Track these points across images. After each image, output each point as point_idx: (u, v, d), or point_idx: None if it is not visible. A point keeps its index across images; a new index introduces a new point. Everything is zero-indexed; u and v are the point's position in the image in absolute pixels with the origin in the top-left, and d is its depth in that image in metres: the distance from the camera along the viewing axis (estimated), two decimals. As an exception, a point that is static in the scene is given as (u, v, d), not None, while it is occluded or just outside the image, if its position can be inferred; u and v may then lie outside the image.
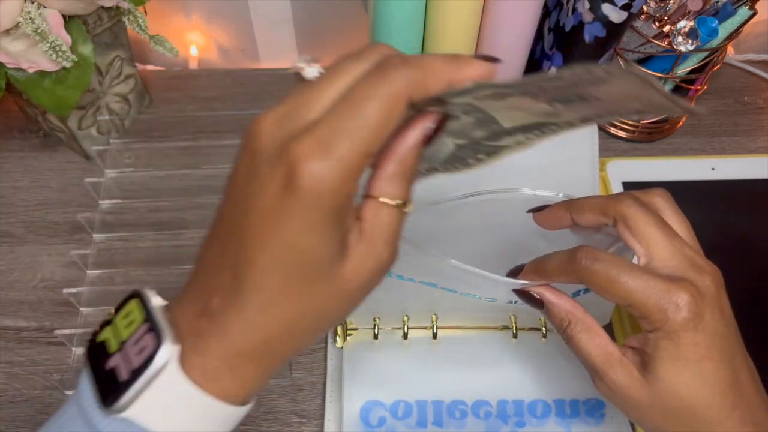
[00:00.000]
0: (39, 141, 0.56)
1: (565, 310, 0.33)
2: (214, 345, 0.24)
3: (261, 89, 0.60)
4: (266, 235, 0.23)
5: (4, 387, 0.44)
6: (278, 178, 0.22)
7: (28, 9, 0.41)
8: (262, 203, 0.23)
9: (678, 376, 0.30)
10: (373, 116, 0.22)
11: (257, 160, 0.23)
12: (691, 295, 0.29)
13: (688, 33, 0.47)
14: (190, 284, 0.26)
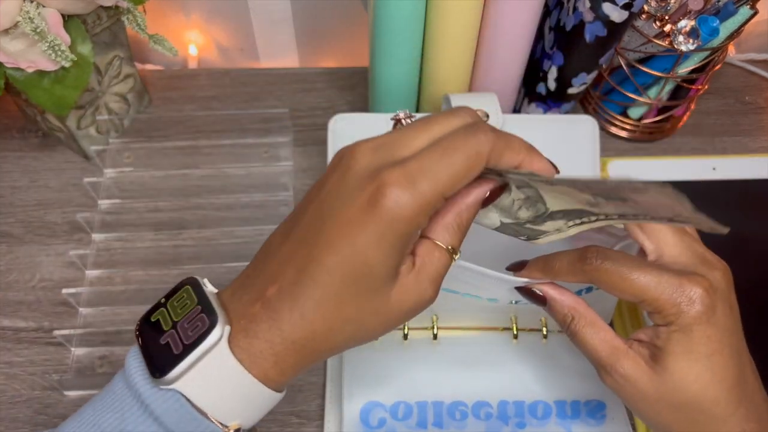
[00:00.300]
0: (38, 141, 0.56)
1: (568, 306, 0.33)
2: (264, 330, 0.27)
3: (260, 89, 0.60)
4: (339, 241, 0.26)
5: (3, 387, 0.43)
6: (365, 196, 0.26)
7: (27, 8, 0.41)
8: (344, 213, 0.26)
9: (689, 369, 0.30)
10: (457, 165, 0.26)
11: (349, 177, 0.27)
12: (704, 288, 0.30)
13: (689, 32, 0.47)
14: (245, 274, 0.29)
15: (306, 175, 0.55)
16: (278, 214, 0.51)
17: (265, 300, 0.27)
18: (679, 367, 0.30)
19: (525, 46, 0.47)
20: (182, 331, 0.27)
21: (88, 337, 0.45)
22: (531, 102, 0.53)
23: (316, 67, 0.62)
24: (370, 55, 0.49)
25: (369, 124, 0.46)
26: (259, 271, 0.28)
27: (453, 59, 0.47)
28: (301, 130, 0.57)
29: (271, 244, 0.29)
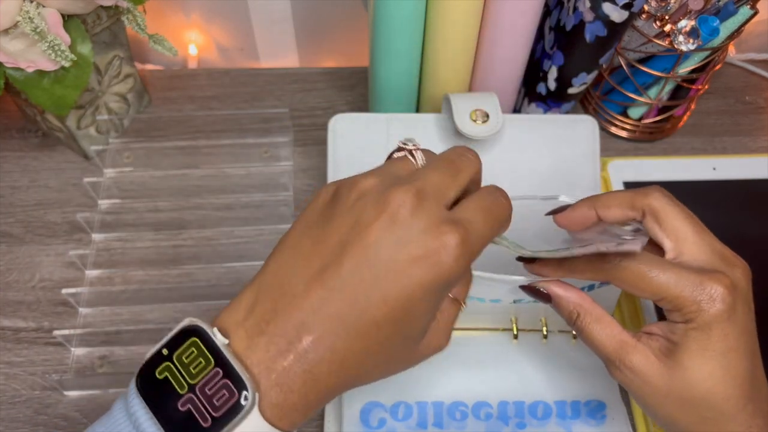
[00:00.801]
0: (38, 141, 0.56)
1: (574, 302, 0.33)
2: (300, 384, 0.25)
3: (260, 89, 0.60)
4: (395, 295, 0.25)
5: (3, 387, 0.43)
6: (426, 252, 0.25)
7: (27, 8, 0.40)
8: (402, 268, 0.25)
9: (704, 366, 0.30)
10: (496, 230, 0.29)
11: (401, 229, 0.25)
12: (725, 286, 0.30)
13: (689, 32, 0.47)
14: (260, 316, 0.26)
15: (306, 175, 0.55)
16: (278, 214, 0.51)
17: (299, 352, 0.25)
18: (694, 364, 0.30)
19: (525, 46, 0.47)
20: (205, 398, 0.25)
21: (88, 337, 0.45)
22: (531, 102, 0.53)
23: (316, 67, 0.62)
24: (370, 55, 0.49)
25: (369, 124, 0.46)
26: (282, 317, 0.25)
27: (453, 59, 0.47)
28: (301, 130, 0.57)
29: (293, 279, 0.26)
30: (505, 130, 0.46)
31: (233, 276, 0.48)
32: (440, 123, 0.46)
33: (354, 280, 0.25)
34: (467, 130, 0.43)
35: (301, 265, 0.26)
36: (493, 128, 0.43)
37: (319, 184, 0.54)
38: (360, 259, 0.25)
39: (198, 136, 0.56)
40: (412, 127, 0.46)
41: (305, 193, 0.53)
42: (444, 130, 0.46)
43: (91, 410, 0.43)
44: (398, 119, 0.46)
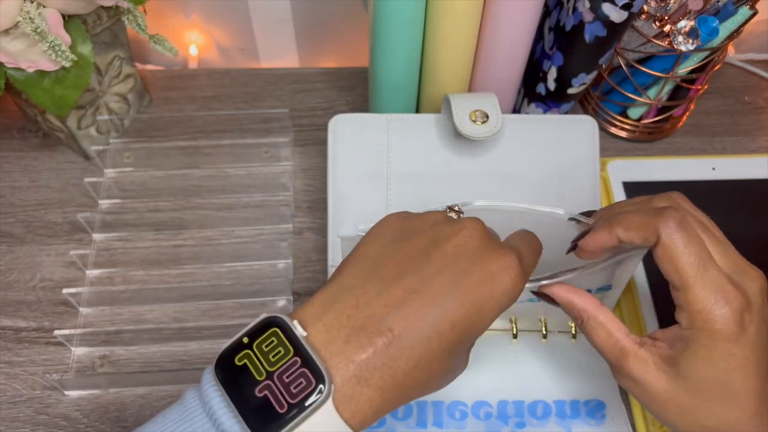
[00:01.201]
0: (38, 141, 0.56)
1: (579, 308, 0.34)
2: (377, 378, 0.26)
3: (261, 89, 0.60)
4: (472, 300, 0.27)
5: (3, 387, 0.44)
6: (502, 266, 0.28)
7: (28, 8, 0.41)
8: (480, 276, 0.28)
9: (704, 379, 0.30)
10: (537, 260, 0.32)
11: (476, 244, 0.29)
12: (741, 306, 0.29)
13: (688, 32, 0.47)
14: (340, 310, 0.27)
15: (306, 175, 0.55)
16: (278, 214, 0.51)
17: (378, 347, 0.26)
18: (695, 375, 0.30)
19: (525, 46, 0.47)
20: (282, 385, 0.25)
21: (89, 336, 0.45)
22: (531, 102, 0.53)
23: (316, 68, 0.63)
24: (370, 56, 0.49)
25: (369, 125, 0.46)
26: (365, 312, 0.27)
27: (453, 59, 0.47)
28: (301, 130, 0.57)
29: (374, 285, 0.28)
30: (505, 131, 0.46)
31: (234, 276, 0.48)
32: (440, 123, 0.46)
33: (434, 285, 0.27)
34: (467, 131, 0.43)
35: (383, 271, 0.28)
36: (493, 128, 0.44)
37: (319, 184, 0.54)
38: (440, 267, 0.28)
39: (198, 136, 0.56)
40: (412, 127, 0.46)
41: (305, 193, 0.54)
42: (444, 130, 0.46)
43: (91, 410, 0.43)
44: (398, 119, 0.46)
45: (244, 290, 0.47)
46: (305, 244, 0.51)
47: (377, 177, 0.46)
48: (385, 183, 0.46)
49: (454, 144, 0.46)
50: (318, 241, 0.51)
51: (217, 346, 0.45)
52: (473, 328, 0.28)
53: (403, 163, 0.46)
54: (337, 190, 0.46)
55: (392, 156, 0.46)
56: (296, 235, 0.51)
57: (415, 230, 0.30)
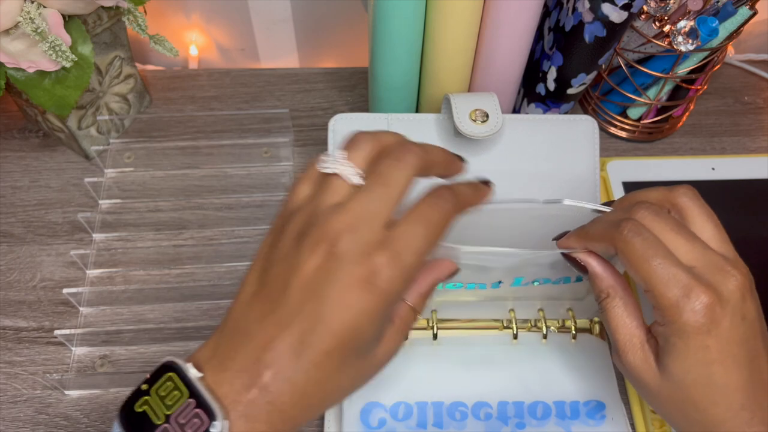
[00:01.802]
0: (39, 141, 0.56)
1: (608, 284, 0.34)
2: (264, 414, 0.27)
3: (261, 89, 0.60)
4: (339, 323, 0.27)
5: (3, 387, 0.44)
6: (360, 279, 0.27)
7: (28, 9, 0.41)
8: (341, 296, 0.27)
9: (685, 373, 0.30)
10: (433, 235, 0.29)
11: (335, 262, 0.27)
12: (709, 298, 0.29)
13: (688, 33, 0.47)
14: (224, 354, 0.28)
15: (306, 175, 0.55)
16: (278, 214, 0.51)
17: (262, 386, 0.27)
18: (676, 369, 0.31)
19: (524, 46, 0.48)
20: (179, 427, 0.26)
21: (89, 336, 0.45)
22: (530, 102, 0.53)
23: (316, 68, 0.63)
24: (369, 56, 0.49)
25: (369, 124, 0.46)
26: (242, 354, 0.27)
27: (453, 60, 0.47)
28: (301, 130, 0.57)
29: (248, 320, 0.28)
30: (505, 131, 0.46)
31: (234, 276, 0.48)
32: (440, 123, 0.46)
33: (300, 317, 0.27)
34: (467, 130, 0.43)
35: (254, 307, 0.28)
36: (493, 128, 0.44)
37: (320, 184, 0.54)
38: (302, 297, 0.27)
39: (198, 136, 0.56)
40: (412, 127, 0.46)
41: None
42: (444, 130, 0.46)
43: (91, 410, 0.43)
44: (398, 119, 0.46)
45: (244, 290, 0.47)
46: (305, 244, 0.51)
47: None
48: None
49: (454, 144, 0.46)
50: (318, 241, 0.51)
51: (218, 346, 0.45)
52: (353, 347, 0.28)
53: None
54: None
55: (392, 156, 0.46)
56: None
57: (278, 254, 0.29)
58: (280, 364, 0.27)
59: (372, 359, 0.30)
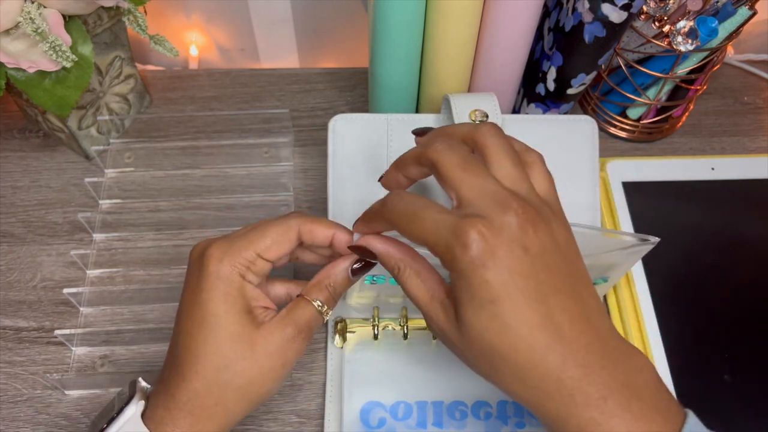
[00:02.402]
0: (39, 141, 0.56)
1: (396, 257, 0.32)
2: (162, 399, 0.32)
3: (261, 89, 0.61)
4: (186, 305, 0.33)
5: (4, 387, 0.44)
6: (196, 266, 0.33)
7: (28, 9, 0.41)
8: (188, 283, 0.34)
9: (476, 318, 0.28)
10: (268, 235, 0.34)
11: (189, 261, 0.35)
12: (478, 232, 0.27)
13: (687, 33, 0.47)
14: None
15: (306, 175, 0.55)
16: (278, 215, 0.51)
17: (163, 379, 0.34)
18: (469, 317, 0.28)
19: (524, 46, 0.48)
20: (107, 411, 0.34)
21: (89, 336, 0.45)
22: (530, 102, 0.53)
23: (316, 68, 0.63)
24: (370, 56, 0.49)
25: (369, 125, 0.46)
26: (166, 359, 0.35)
27: (453, 60, 0.47)
28: (301, 130, 0.58)
29: None
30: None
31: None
32: (440, 123, 0.47)
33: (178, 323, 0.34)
34: (467, 131, 0.43)
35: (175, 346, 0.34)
36: (493, 128, 0.44)
37: (320, 184, 0.54)
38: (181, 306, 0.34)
39: (199, 136, 0.56)
40: (411, 127, 0.46)
41: (305, 193, 0.54)
42: (444, 130, 0.46)
43: (91, 409, 0.43)
44: (398, 120, 0.46)
45: (244, 290, 0.47)
46: (305, 244, 0.51)
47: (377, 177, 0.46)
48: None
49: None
50: (318, 241, 0.51)
51: (218, 345, 0.45)
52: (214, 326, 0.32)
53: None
54: (337, 190, 0.46)
55: (392, 156, 0.46)
56: None
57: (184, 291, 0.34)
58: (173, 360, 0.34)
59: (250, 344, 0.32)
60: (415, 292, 0.32)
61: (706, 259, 0.48)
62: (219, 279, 0.32)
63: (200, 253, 0.34)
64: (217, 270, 0.33)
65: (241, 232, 0.35)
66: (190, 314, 0.33)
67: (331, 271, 0.35)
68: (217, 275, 0.33)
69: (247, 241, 0.33)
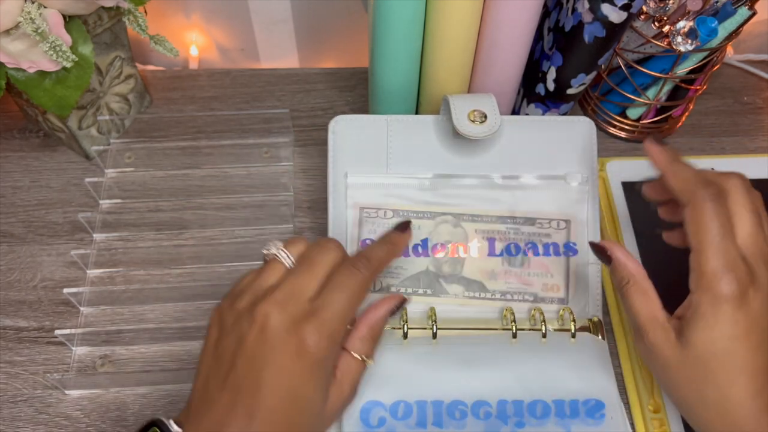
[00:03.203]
0: (39, 141, 0.56)
1: (629, 270, 0.36)
2: None
3: (261, 89, 0.61)
4: (279, 388, 0.32)
5: (4, 387, 0.44)
6: (292, 347, 0.32)
7: (29, 9, 0.41)
8: (278, 364, 0.32)
9: (711, 344, 0.32)
10: (353, 300, 0.34)
11: (270, 334, 0.32)
12: (748, 279, 0.32)
13: (687, 33, 0.47)
14: (197, 413, 0.32)
15: (306, 175, 0.55)
16: (279, 214, 0.51)
17: None
18: (699, 341, 0.32)
19: (524, 47, 0.48)
20: None
21: (90, 336, 0.45)
22: (530, 103, 0.54)
23: (316, 68, 0.63)
24: (369, 56, 0.49)
25: (369, 126, 0.46)
26: (208, 417, 0.32)
27: (452, 60, 0.47)
28: (301, 130, 0.58)
29: (209, 388, 0.33)
30: (503, 132, 0.47)
31: (234, 276, 0.48)
32: (439, 124, 0.47)
33: (246, 383, 0.32)
34: (465, 130, 0.43)
35: (213, 376, 0.33)
36: (491, 128, 0.44)
37: (320, 184, 0.54)
38: (247, 367, 0.32)
39: (199, 136, 0.56)
40: (411, 128, 0.47)
41: (306, 193, 0.54)
42: (443, 131, 0.46)
43: (92, 409, 0.43)
44: (398, 120, 0.47)
45: (244, 290, 0.47)
46: (305, 244, 0.51)
47: (377, 175, 0.46)
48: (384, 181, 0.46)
49: (453, 145, 0.46)
50: (318, 241, 0.51)
51: (218, 345, 0.45)
52: (298, 404, 0.32)
53: (402, 163, 0.46)
54: (338, 190, 0.46)
55: (392, 156, 0.46)
56: (297, 236, 0.51)
57: (224, 331, 0.34)
58: (238, 424, 0.31)
59: (321, 417, 0.34)
60: (638, 308, 0.35)
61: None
62: (320, 366, 0.33)
63: (291, 329, 0.33)
64: (319, 358, 0.33)
65: (327, 307, 0.34)
66: (276, 392, 0.32)
67: (372, 322, 0.37)
68: (319, 363, 0.33)
69: (340, 318, 0.34)
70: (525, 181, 0.46)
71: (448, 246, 0.46)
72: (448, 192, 0.46)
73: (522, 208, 0.46)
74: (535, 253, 0.46)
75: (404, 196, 0.46)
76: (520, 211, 0.46)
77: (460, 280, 0.45)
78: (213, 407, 0.32)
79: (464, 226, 0.46)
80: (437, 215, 0.46)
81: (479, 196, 0.46)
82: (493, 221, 0.46)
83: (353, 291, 0.35)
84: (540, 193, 0.46)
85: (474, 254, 0.46)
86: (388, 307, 0.38)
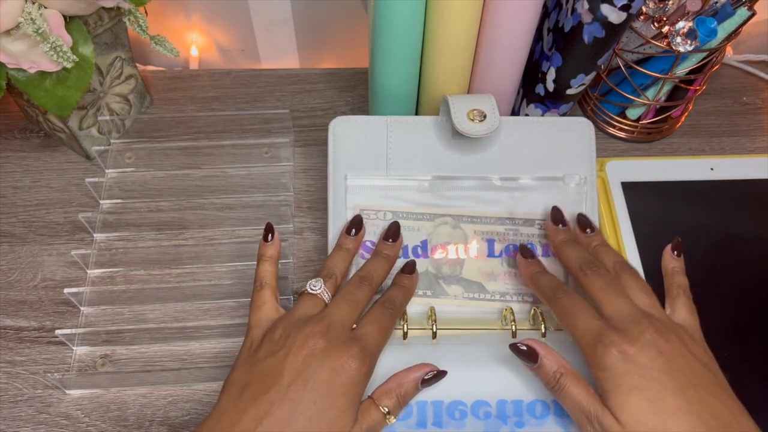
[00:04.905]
0: (40, 141, 0.56)
1: (559, 363, 0.38)
2: None
3: (261, 89, 0.61)
4: (320, 399, 0.34)
5: (4, 387, 0.44)
6: (333, 367, 0.35)
7: (29, 9, 0.41)
8: (321, 382, 0.34)
9: (627, 402, 0.34)
10: (388, 332, 0.39)
11: (315, 357, 0.35)
12: (619, 338, 0.35)
13: (687, 33, 0.47)
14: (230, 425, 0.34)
15: (306, 175, 0.55)
16: (279, 214, 0.51)
17: None
18: (617, 402, 0.34)
19: (524, 47, 0.48)
20: None
21: (90, 336, 0.46)
22: (530, 103, 0.54)
23: (316, 68, 0.63)
24: (369, 57, 0.49)
25: (368, 126, 0.46)
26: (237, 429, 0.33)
27: (452, 61, 0.47)
28: (301, 130, 0.58)
29: (239, 403, 0.34)
30: (502, 132, 0.47)
31: (234, 276, 0.48)
32: (438, 125, 0.47)
33: (290, 393, 0.34)
34: (465, 129, 0.44)
35: (249, 391, 0.35)
36: (491, 127, 0.44)
37: (320, 184, 0.54)
38: (293, 376, 0.35)
39: (199, 136, 0.56)
40: (411, 129, 0.47)
41: (306, 194, 0.54)
42: (442, 132, 0.47)
43: (92, 409, 0.43)
44: (397, 121, 0.47)
45: (245, 290, 0.47)
46: (305, 244, 0.51)
47: (377, 177, 0.46)
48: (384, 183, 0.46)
49: (453, 146, 0.46)
50: (318, 241, 0.51)
51: (218, 345, 0.46)
52: (331, 415, 0.34)
53: (402, 164, 0.46)
54: (338, 192, 0.46)
55: (391, 157, 0.46)
56: (296, 235, 0.51)
57: (274, 345, 0.36)
58: (277, 427, 0.33)
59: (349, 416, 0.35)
60: (579, 396, 0.36)
61: (705, 259, 0.48)
62: (354, 385, 0.35)
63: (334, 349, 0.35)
64: (358, 377, 0.35)
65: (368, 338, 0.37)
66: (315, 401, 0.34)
67: (403, 380, 0.38)
68: (354, 383, 0.35)
69: (377, 348, 0.38)
70: (524, 182, 0.47)
71: (447, 247, 0.46)
72: (448, 194, 0.47)
73: (521, 210, 0.47)
74: None
75: (404, 198, 0.46)
76: (519, 212, 0.47)
77: (460, 281, 0.45)
78: (246, 418, 0.34)
79: (463, 228, 0.46)
80: (436, 217, 0.46)
81: (478, 197, 0.47)
82: (492, 222, 0.46)
83: (386, 325, 0.39)
84: (539, 195, 0.47)
85: (473, 255, 0.46)
86: (422, 372, 0.39)
